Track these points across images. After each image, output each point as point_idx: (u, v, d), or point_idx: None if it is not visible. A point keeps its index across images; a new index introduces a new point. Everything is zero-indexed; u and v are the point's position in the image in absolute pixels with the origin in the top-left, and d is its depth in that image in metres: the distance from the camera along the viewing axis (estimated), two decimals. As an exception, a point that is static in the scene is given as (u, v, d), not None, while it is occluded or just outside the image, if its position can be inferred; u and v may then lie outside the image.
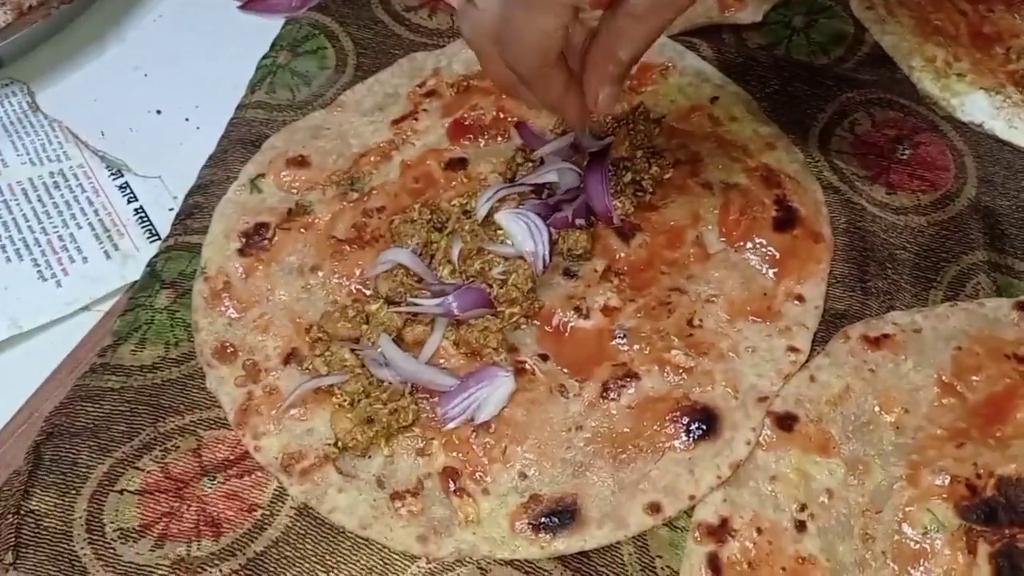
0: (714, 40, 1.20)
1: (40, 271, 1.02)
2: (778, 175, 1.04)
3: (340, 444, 0.87)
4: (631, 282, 0.98)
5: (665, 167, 1.04)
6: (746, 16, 1.21)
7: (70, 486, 0.87)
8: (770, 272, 0.98)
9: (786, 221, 1.01)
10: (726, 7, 1.22)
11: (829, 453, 0.86)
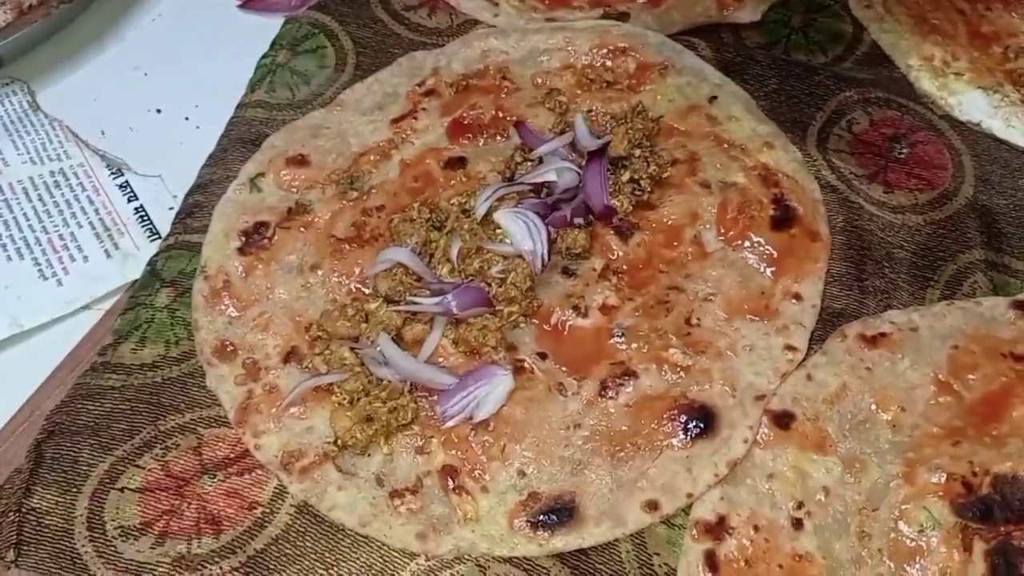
0: (713, 39, 1.20)
1: (41, 270, 1.03)
2: (776, 174, 1.05)
3: (340, 442, 0.87)
4: (629, 281, 0.98)
5: (663, 166, 1.04)
6: (745, 15, 1.22)
7: (71, 484, 0.87)
8: (768, 271, 0.98)
9: (784, 220, 1.01)
10: (725, 6, 1.22)
11: (826, 451, 0.86)
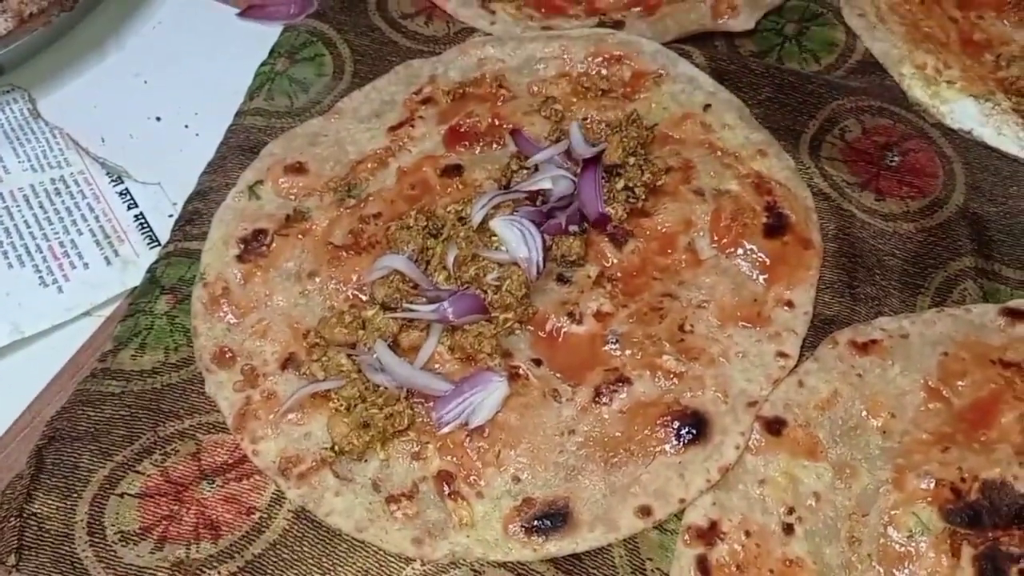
0: (707, 47, 1.21)
1: (41, 277, 1.04)
2: (769, 182, 1.06)
3: (337, 448, 0.88)
4: (624, 288, 1.00)
5: (658, 174, 1.05)
6: (738, 24, 1.23)
7: (72, 489, 0.88)
8: (760, 278, 0.99)
9: (776, 228, 1.02)
10: (719, 15, 1.23)
11: (817, 457, 0.87)
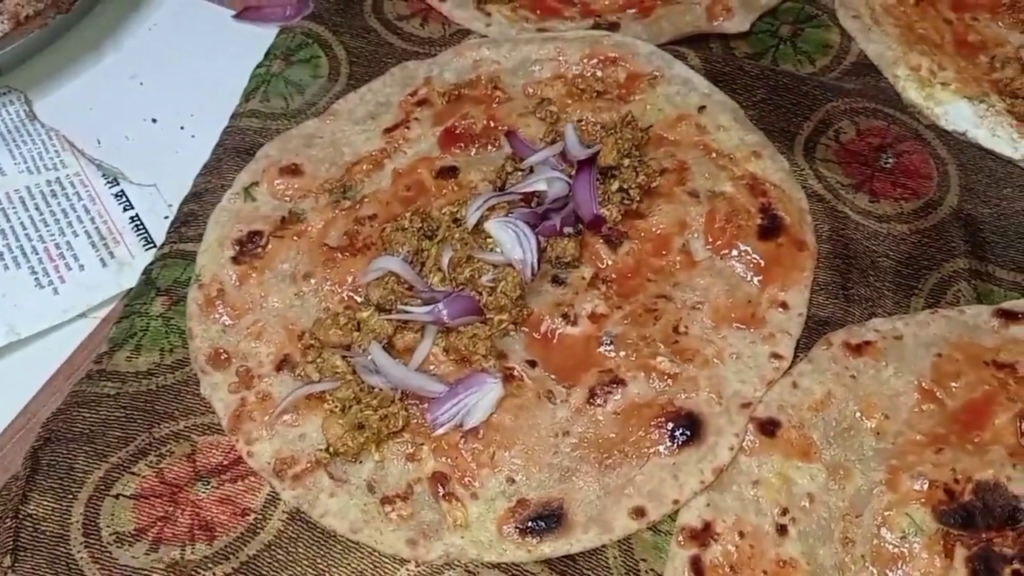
0: (702, 49, 1.21)
1: (37, 278, 1.04)
2: (763, 183, 1.06)
3: (331, 449, 0.88)
4: (618, 289, 1.00)
5: (652, 175, 1.05)
6: (733, 25, 1.23)
7: (67, 491, 0.88)
8: (755, 279, 1.00)
9: (771, 229, 1.02)
10: (714, 17, 1.23)
11: (811, 458, 0.87)
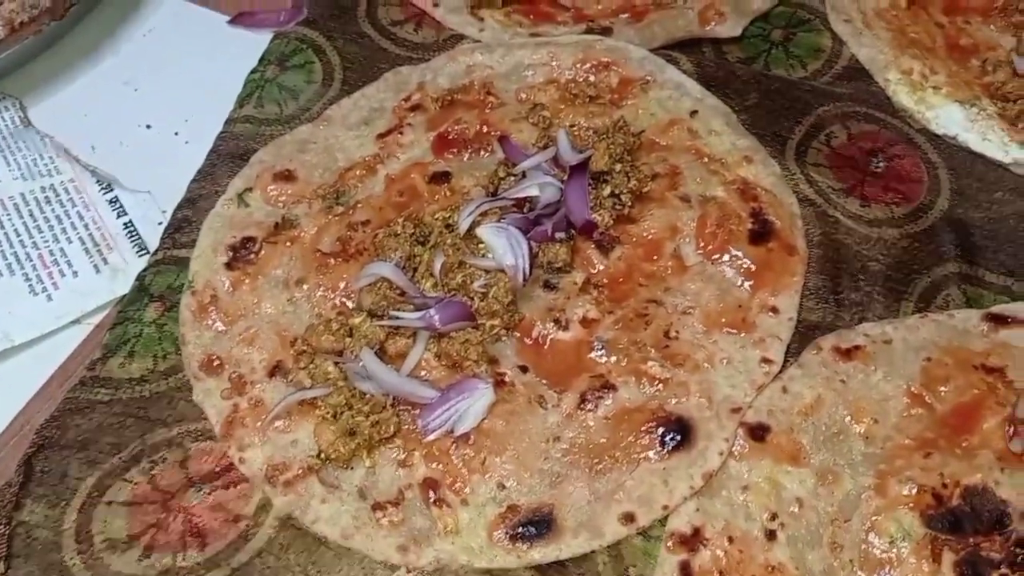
0: (694, 54, 1.22)
1: (31, 285, 1.04)
2: (755, 188, 1.06)
3: (323, 455, 0.89)
4: (610, 294, 1.00)
5: (644, 180, 1.06)
6: (726, 30, 1.23)
7: (60, 498, 0.89)
8: (746, 284, 1.00)
9: (762, 234, 1.03)
10: (706, 21, 1.24)
11: (800, 463, 0.88)
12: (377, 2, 1.31)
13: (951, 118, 1.13)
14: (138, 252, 1.07)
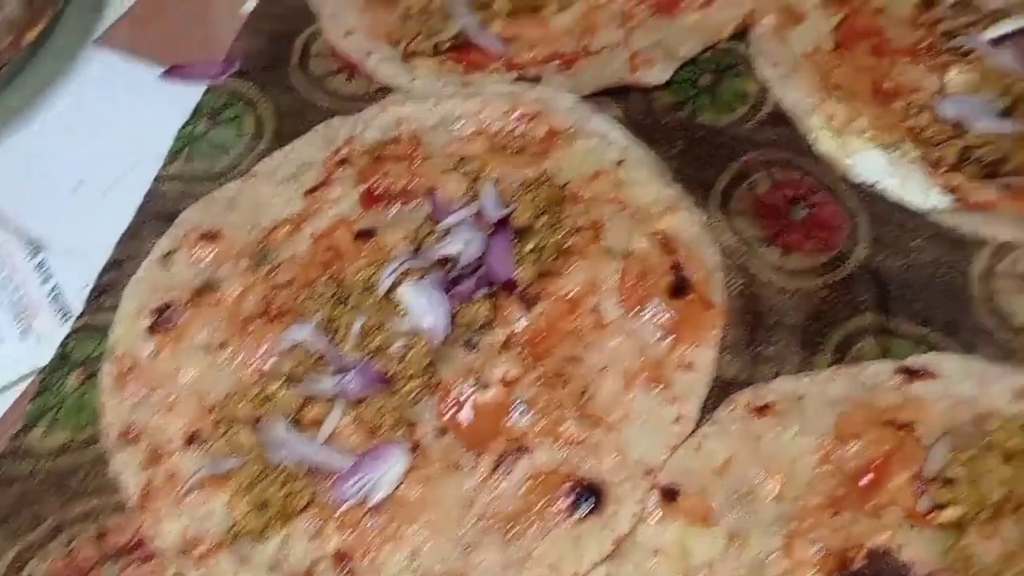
0: (623, 101, 1.22)
1: (-44, 353, 1.05)
2: (676, 240, 1.07)
3: (236, 528, 0.89)
4: (531, 351, 1.01)
5: (568, 234, 1.06)
6: (653, 76, 1.24)
7: (-22, 574, 0.89)
8: (664, 340, 1.01)
9: (681, 288, 1.03)
10: (635, 68, 1.24)
11: (710, 524, 0.89)
12: (310, 53, 1.31)
13: (872, 164, 1.13)
14: (63, 318, 1.08)
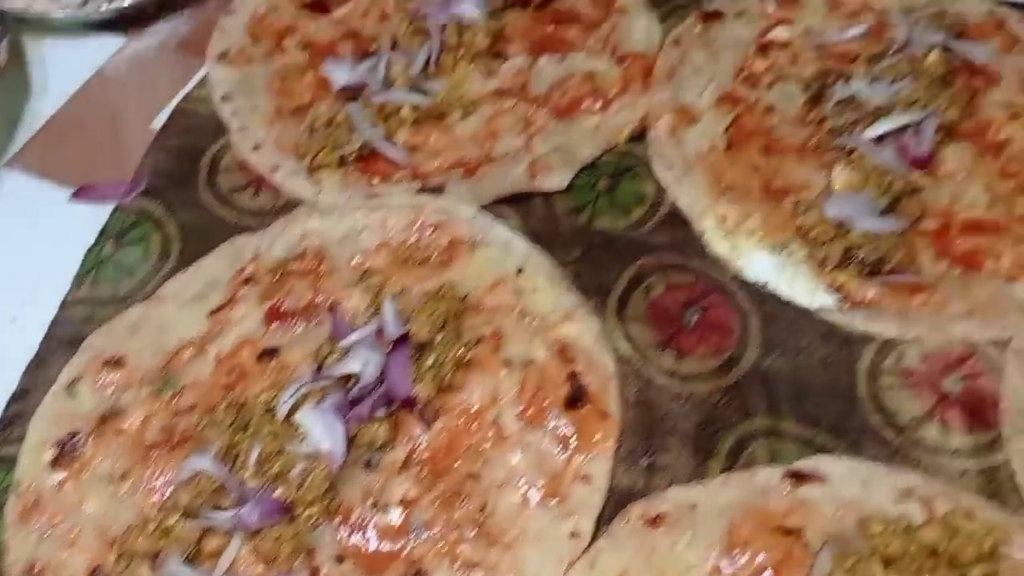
0: (524, 208, 1.25)
1: None
2: (574, 348, 1.09)
3: (130, 671, 0.89)
4: (431, 469, 1.02)
5: (468, 347, 1.08)
6: (553, 182, 1.27)
7: None
8: (562, 452, 1.02)
9: (577, 398, 1.06)
10: (535, 174, 1.27)
11: (601, 646, 0.90)
12: (219, 168, 1.33)
13: (762, 264, 1.16)
14: (-32, 453, 1.07)
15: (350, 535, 0.98)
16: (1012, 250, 1.14)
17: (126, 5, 1.51)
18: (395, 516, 0.99)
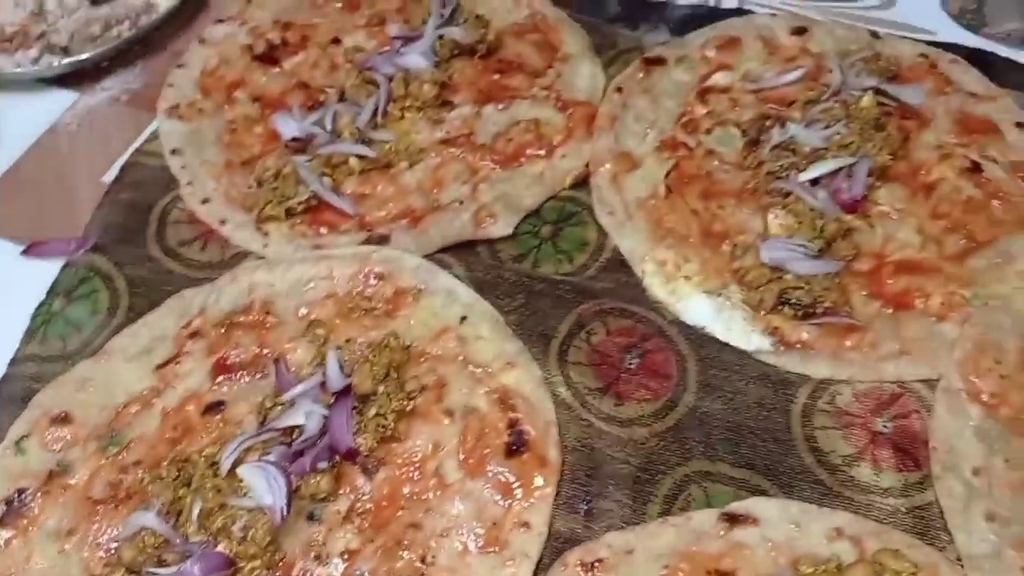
0: (468, 256, 1.27)
1: None
2: (514, 397, 1.11)
3: None
4: (373, 520, 1.03)
5: (410, 397, 1.10)
6: (497, 230, 1.29)
7: None
8: (503, 500, 1.04)
9: (517, 446, 1.07)
10: (480, 222, 1.30)
11: None
12: (167, 222, 1.35)
13: (700, 308, 1.19)
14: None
15: (292, 588, 0.99)
16: (941, 289, 1.17)
17: (80, 59, 1.52)
18: (337, 568, 1.00)
